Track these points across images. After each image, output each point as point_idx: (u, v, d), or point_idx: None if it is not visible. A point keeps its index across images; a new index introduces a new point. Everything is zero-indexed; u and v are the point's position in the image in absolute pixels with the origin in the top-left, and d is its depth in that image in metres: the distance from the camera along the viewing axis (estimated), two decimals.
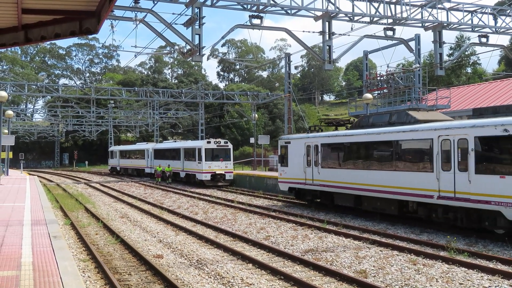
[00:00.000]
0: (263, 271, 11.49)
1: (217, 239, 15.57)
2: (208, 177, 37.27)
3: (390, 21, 26.96)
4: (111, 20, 23.30)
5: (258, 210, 22.50)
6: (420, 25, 28.47)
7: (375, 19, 26.56)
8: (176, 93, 50.84)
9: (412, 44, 30.97)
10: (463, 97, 37.74)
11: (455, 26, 29.01)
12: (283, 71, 50.92)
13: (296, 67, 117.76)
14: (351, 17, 26.17)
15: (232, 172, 38.55)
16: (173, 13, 23.97)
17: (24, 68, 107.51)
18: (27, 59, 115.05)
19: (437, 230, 16.29)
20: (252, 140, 47.06)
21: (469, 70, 64.91)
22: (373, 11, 26.07)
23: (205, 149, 37.63)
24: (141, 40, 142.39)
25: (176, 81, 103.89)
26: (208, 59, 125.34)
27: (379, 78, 35.19)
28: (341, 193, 20.79)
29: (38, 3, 8.29)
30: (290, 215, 20.92)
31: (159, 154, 48.41)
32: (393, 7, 26.54)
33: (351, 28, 26.34)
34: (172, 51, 28.91)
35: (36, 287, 7.28)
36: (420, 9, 27.30)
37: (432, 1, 27.25)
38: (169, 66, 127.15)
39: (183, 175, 41.59)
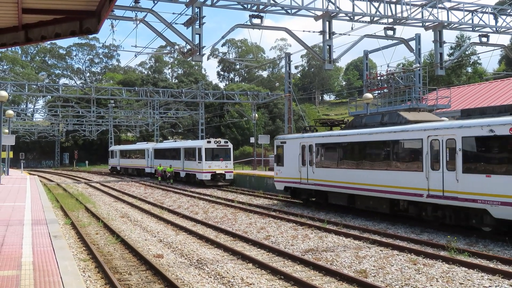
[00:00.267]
0: (263, 270, 11.49)
1: (217, 238, 15.58)
2: (208, 176, 37.29)
3: (390, 20, 26.96)
4: (111, 20, 23.33)
5: (258, 210, 22.50)
6: (420, 24, 28.47)
7: (376, 19, 26.56)
8: (176, 92, 50.84)
9: (412, 43, 30.98)
10: (463, 97, 37.73)
11: (456, 25, 29.00)
12: (283, 70, 50.93)
13: (296, 67, 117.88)
14: (351, 17, 26.18)
15: (232, 171, 38.56)
16: (173, 13, 23.96)
17: (24, 68, 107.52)
18: (27, 59, 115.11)
19: (437, 230, 16.29)
20: (252, 139, 47.06)
21: (469, 70, 64.88)
22: (373, 11, 26.07)
23: (205, 148, 37.64)
24: (141, 40, 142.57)
25: (176, 81, 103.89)
26: (208, 59, 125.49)
27: (379, 77, 35.21)
28: (335, 192, 21.11)
29: (38, 2, 8.30)
30: (290, 214, 20.93)
31: (159, 153, 48.41)
32: (393, 6, 26.55)
33: (351, 27, 26.37)
34: (172, 51, 28.88)
35: (36, 286, 7.28)
36: (420, 8, 27.29)
37: (432, 0, 27.24)
38: (169, 66, 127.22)
39: (183, 174, 41.60)
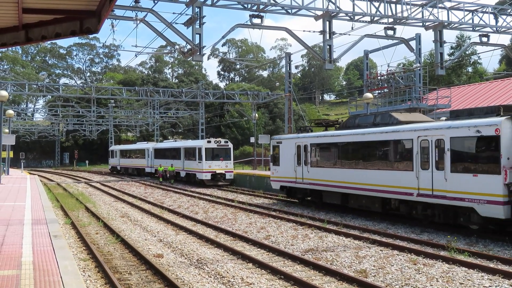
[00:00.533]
0: (263, 270, 11.49)
1: (217, 238, 15.58)
2: (208, 176, 37.30)
3: (390, 20, 26.92)
4: (112, 19, 23.28)
5: (258, 209, 22.51)
6: (420, 24, 28.42)
7: (376, 19, 26.53)
8: (176, 92, 50.83)
9: (412, 43, 30.95)
10: (463, 96, 37.72)
11: (456, 25, 28.96)
12: (284, 70, 50.92)
13: (296, 67, 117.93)
14: (352, 17, 26.15)
15: (232, 171, 38.57)
16: (174, 13, 24.03)
17: (24, 67, 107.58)
18: (27, 58, 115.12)
19: (437, 230, 16.30)
20: (252, 139, 47.05)
21: (469, 69, 64.86)
22: (373, 11, 26.03)
23: (206, 148, 37.65)
24: (142, 39, 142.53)
25: (176, 81, 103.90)
26: (208, 58, 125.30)
27: (379, 77, 35.19)
28: (329, 191, 21.52)
29: (38, 2, 8.30)
30: (290, 214, 20.94)
31: (160, 153, 48.41)
32: (393, 6, 26.49)
33: (352, 27, 26.33)
34: (172, 51, 28.85)
35: (36, 286, 7.28)
36: (420, 8, 27.26)
37: (432, 0, 27.22)
38: (170, 65, 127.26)
39: (183, 174, 41.61)
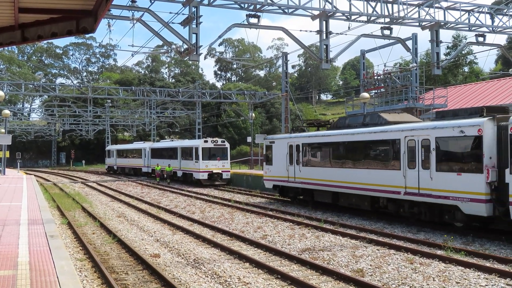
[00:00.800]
0: (260, 270, 11.49)
1: (214, 238, 15.57)
2: (205, 176, 37.30)
3: (387, 20, 26.96)
4: (108, 19, 23.21)
5: (255, 209, 22.52)
6: (417, 24, 28.49)
7: (372, 18, 26.56)
8: (173, 92, 50.79)
9: (409, 43, 31.04)
10: (459, 96, 37.81)
11: (452, 25, 29.05)
12: (280, 70, 50.92)
13: (293, 66, 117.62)
14: (348, 16, 26.17)
15: (229, 171, 38.56)
16: (170, 12, 24.04)
17: (21, 67, 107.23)
18: (24, 58, 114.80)
19: (433, 229, 16.34)
20: (249, 139, 47.09)
21: (466, 69, 65.02)
22: (370, 10, 26.07)
23: (202, 148, 37.64)
24: (138, 39, 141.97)
25: (173, 80, 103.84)
26: (205, 58, 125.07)
27: (376, 77, 35.24)
28: (320, 190, 21.91)
29: (35, 2, 8.28)
30: (287, 214, 20.95)
31: (156, 153, 48.35)
32: (390, 6, 26.53)
33: (348, 27, 26.38)
34: (169, 50, 28.86)
35: (33, 286, 7.27)
36: (417, 8, 27.32)
37: (429, 0, 27.28)
38: (166, 65, 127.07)
39: (180, 174, 41.58)
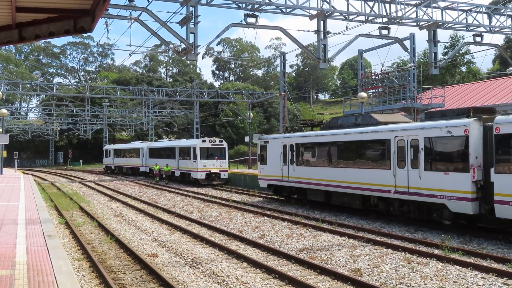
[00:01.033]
0: (258, 269, 11.50)
1: (212, 238, 15.57)
2: (203, 175, 37.27)
3: (385, 20, 26.99)
4: (106, 18, 23.21)
5: (253, 208, 22.52)
6: (415, 24, 28.51)
7: (370, 18, 26.58)
8: (171, 91, 50.78)
9: (407, 43, 31.03)
10: (457, 96, 37.87)
11: (450, 25, 29.08)
12: (278, 70, 50.91)
13: (291, 66, 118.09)
14: (346, 16, 26.19)
15: (227, 171, 38.54)
16: (168, 12, 24.08)
17: (18, 66, 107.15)
18: (21, 57, 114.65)
19: (431, 228, 16.37)
20: (247, 139, 47.05)
21: (463, 69, 65.10)
22: (368, 10, 26.09)
23: (200, 148, 37.61)
24: (136, 38, 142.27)
25: (171, 80, 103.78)
26: (203, 58, 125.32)
27: (374, 77, 35.25)
28: (313, 189, 22.24)
29: (32, 1, 8.27)
30: (285, 213, 20.96)
31: (154, 153, 48.29)
32: (388, 6, 26.57)
33: (346, 27, 26.38)
34: (167, 50, 28.74)
35: (30, 286, 7.26)
36: (415, 8, 27.34)
37: (426, 0, 27.31)
38: (164, 65, 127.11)
39: (178, 174, 41.55)
